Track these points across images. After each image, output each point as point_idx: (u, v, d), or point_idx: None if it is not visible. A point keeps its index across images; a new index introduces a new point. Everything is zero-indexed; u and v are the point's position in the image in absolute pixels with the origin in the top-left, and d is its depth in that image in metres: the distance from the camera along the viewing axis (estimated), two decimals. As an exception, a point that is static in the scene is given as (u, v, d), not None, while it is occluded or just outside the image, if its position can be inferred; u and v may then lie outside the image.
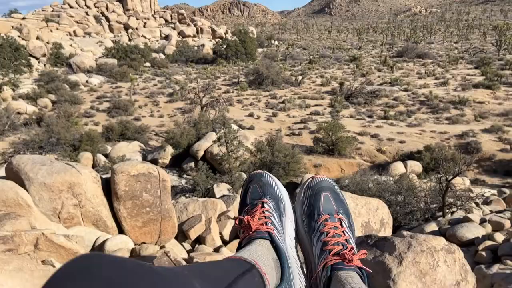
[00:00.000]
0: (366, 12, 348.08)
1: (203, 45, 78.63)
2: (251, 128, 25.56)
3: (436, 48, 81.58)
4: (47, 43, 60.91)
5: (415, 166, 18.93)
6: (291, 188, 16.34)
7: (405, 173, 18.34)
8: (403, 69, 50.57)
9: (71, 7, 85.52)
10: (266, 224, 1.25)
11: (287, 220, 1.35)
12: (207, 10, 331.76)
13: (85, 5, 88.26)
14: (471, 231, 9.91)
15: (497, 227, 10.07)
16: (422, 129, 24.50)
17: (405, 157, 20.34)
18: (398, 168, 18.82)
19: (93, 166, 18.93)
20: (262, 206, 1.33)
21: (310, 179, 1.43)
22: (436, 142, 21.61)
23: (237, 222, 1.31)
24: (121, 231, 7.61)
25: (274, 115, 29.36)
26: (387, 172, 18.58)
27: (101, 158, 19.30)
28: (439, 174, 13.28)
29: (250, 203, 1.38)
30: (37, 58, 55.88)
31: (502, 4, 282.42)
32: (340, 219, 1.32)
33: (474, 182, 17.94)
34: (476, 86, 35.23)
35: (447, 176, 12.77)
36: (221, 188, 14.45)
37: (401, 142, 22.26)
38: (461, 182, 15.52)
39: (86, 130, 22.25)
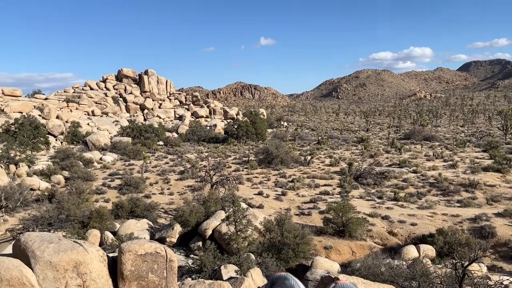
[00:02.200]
0: (372, 96, 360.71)
1: (215, 125, 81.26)
2: (260, 207, 25.41)
3: (443, 131, 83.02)
4: (66, 122, 63.60)
5: (429, 250, 18.32)
6: (300, 271, 15.78)
7: (418, 258, 17.69)
8: (411, 151, 51.10)
9: (91, 88, 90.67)
10: None
11: None
12: (220, 92, 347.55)
13: (105, 87, 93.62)
14: (492, 323, 9.32)
15: (520, 319, 9.47)
16: (433, 212, 24.09)
17: (418, 241, 19.78)
18: (411, 252, 18.23)
19: (101, 244, 18.69)
20: None
21: (334, 284, 1.44)
22: (449, 225, 21.12)
23: None
24: (124, 314, 7.38)
25: (283, 194, 29.32)
26: (399, 256, 17.98)
27: (109, 235, 19.13)
28: (455, 260, 12.81)
29: None
30: (55, 136, 57.97)
31: (505, 91, 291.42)
32: None
33: (491, 268, 17.18)
34: (486, 169, 35.22)
35: (463, 262, 12.32)
36: (228, 270, 14.03)
37: (412, 224, 21.80)
38: (478, 269, 14.88)
39: (96, 207, 22.35)
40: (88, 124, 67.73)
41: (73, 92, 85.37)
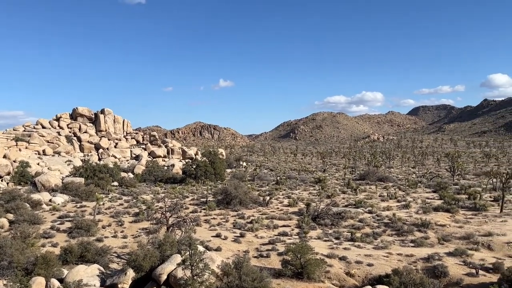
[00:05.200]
0: (328, 138, 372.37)
1: (173, 165, 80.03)
2: (218, 249, 24.86)
3: (396, 172, 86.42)
4: (14, 161, 60.37)
5: (385, 290, 18.50)
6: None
7: (375, 299, 17.82)
8: (366, 192, 52.54)
9: (43, 127, 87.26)
10: None
11: None
12: (178, 132, 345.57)
13: (58, 125, 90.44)
14: None
15: None
16: (388, 252, 24.57)
17: (374, 281, 19.97)
18: (369, 293, 18.31)
19: (45, 293, 17.41)
20: None
21: None
22: (404, 265, 21.56)
23: None
24: None
25: (242, 235, 28.91)
26: (357, 298, 18.00)
27: (55, 283, 17.87)
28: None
29: None
30: (0, 177, 54.70)
31: (451, 134, 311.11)
32: None
33: (445, 307, 17.53)
34: (436, 209, 36.79)
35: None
36: (183, 317, 13.44)
37: (369, 265, 22.06)
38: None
39: (42, 252, 20.96)
40: (38, 164, 64.61)
41: (24, 131, 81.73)
